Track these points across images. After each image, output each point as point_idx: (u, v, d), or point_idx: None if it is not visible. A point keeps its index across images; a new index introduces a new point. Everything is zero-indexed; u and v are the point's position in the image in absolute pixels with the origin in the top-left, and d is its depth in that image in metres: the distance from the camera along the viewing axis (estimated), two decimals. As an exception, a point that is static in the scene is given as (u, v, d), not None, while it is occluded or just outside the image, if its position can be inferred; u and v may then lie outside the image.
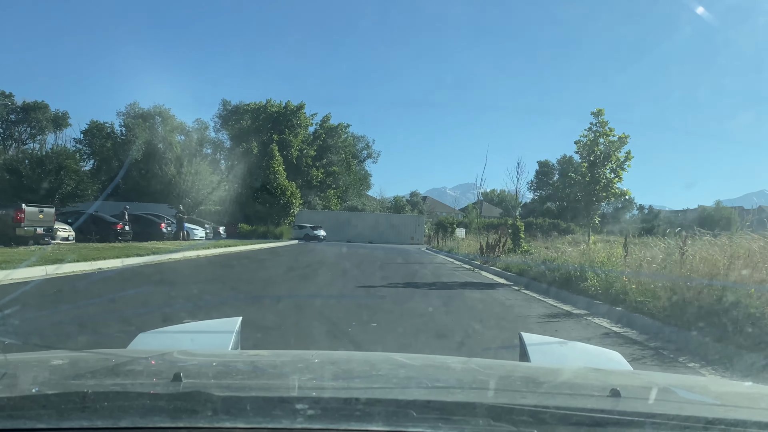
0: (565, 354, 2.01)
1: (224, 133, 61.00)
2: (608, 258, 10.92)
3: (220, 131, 62.71)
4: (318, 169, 56.38)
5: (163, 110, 62.44)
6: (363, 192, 69.36)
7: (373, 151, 73.06)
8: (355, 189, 66.19)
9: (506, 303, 9.69)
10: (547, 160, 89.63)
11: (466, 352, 5.21)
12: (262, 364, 1.63)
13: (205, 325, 2.21)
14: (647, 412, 1.13)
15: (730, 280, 6.62)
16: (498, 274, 15.83)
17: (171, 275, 12.62)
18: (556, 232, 45.52)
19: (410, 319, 7.55)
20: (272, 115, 54.71)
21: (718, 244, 8.44)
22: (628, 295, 8.23)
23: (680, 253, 8.42)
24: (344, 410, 1.06)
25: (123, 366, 1.50)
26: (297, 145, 54.62)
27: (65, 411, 1.01)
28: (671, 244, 9.77)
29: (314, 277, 13.23)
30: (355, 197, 63.92)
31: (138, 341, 1.88)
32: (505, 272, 15.52)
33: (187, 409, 1.00)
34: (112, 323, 6.11)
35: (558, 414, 1.07)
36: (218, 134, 62.95)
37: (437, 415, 1.04)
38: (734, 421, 1.10)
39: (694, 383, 2.02)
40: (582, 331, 6.98)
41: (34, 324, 5.69)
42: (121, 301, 7.96)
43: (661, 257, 9.30)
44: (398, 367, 1.71)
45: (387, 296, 9.90)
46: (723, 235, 9.52)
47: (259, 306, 8.10)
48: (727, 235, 9.51)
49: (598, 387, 1.43)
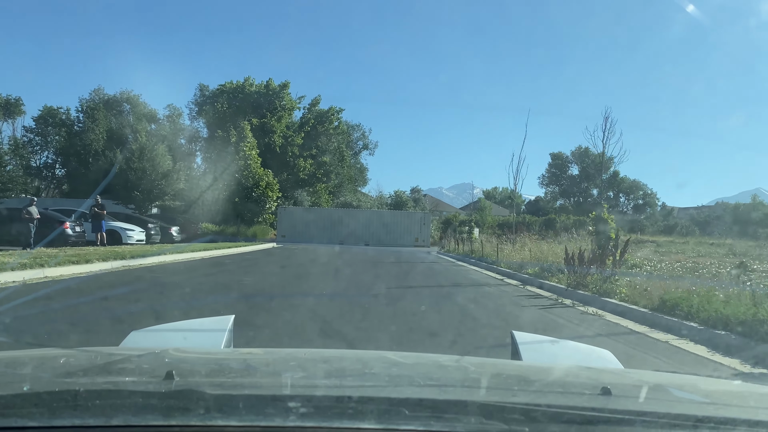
0: (556, 352, 1.99)
1: (201, 121, 52.94)
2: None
3: (196, 119, 54.59)
4: (306, 160, 48.33)
5: (132, 96, 55.02)
6: (358, 188, 61.33)
7: (369, 141, 65.15)
8: (349, 184, 58.19)
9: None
10: (560, 152, 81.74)
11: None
12: (254, 362, 1.65)
13: (197, 323, 2.13)
14: (638, 410, 1.13)
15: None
16: (663, 328, 7.22)
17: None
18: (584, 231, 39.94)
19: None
20: (252, 96, 46.61)
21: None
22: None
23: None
24: (336, 408, 1.06)
25: (115, 364, 1.50)
26: (281, 131, 46.56)
27: (57, 409, 1.00)
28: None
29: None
30: (349, 193, 55.88)
31: (130, 339, 1.87)
32: (662, 316, 7.28)
33: (179, 408, 1.00)
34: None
35: (549, 412, 1.07)
36: (194, 123, 54.79)
37: (429, 413, 1.04)
38: (724, 419, 1.10)
39: (685, 381, 1.96)
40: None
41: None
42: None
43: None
44: (391, 366, 1.69)
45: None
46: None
47: None
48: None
49: (590, 385, 1.43)
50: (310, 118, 50.85)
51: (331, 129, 51.42)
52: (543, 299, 10.25)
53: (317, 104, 51.13)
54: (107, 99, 54.97)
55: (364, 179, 65.22)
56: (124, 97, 55.98)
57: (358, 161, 65.41)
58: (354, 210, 45.41)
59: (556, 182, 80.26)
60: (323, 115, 51.32)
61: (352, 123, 63.53)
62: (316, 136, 50.56)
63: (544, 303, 9.71)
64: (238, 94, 46.58)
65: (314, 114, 51.15)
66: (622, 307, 8.30)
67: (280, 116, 46.79)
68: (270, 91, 46.93)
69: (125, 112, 55.75)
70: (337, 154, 53.16)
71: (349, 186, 57.79)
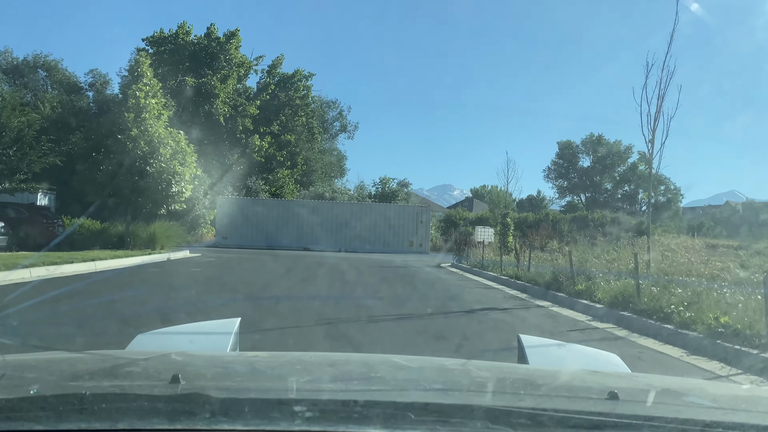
0: (563, 356, 1.98)
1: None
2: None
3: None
4: (264, 137, 36.35)
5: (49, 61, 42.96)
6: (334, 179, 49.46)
7: (348, 122, 53.27)
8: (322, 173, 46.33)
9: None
10: (569, 141, 70.62)
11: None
12: (260, 365, 1.63)
13: (203, 326, 2.14)
14: (645, 415, 1.12)
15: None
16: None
17: None
18: (607, 232, 31.60)
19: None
20: (186, 48, 34.44)
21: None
22: None
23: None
24: (342, 412, 1.05)
25: (121, 367, 1.49)
26: (227, 96, 34.50)
27: (63, 413, 1.00)
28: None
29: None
30: (321, 183, 43.96)
31: (136, 342, 1.85)
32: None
33: (185, 411, 0.99)
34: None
35: (556, 417, 1.06)
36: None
37: (435, 418, 1.03)
38: (732, 424, 1.09)
39: (693, 386, 1.96)
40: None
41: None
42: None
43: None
44: (396, 370, 1.66)
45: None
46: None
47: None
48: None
49: (596, 389, 1.42)
50: (269, 83, 38.84)
51: (297, 99, 39.48)
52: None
53: (279, 65, 39.13)
54: (16, 64, 43.47)
55: (342, 170, 53.39)
56: (38, 61, 44.03)
57: (335, 146, 53.54)
58: (325, 203, 33.52)
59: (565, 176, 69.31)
60: (287, 80, 39.35)
61: (326, 99, 51.68)
62: (277, 108, 38.57)
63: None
64: (168, 45, 34.37)
65: (275, 78, 39.17)
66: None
67: (225, 76, 34.71)
68: (212, 42, 34.80)
69: (39, 79, 44.10)
70: (305, 132, 41.26)
71: (321, 174, 45.90)
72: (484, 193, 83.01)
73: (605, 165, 65.39)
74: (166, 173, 18.24)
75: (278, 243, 29.34)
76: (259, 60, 38.83)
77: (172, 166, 18.15)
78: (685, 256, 12.38)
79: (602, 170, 65.64)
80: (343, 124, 52.93)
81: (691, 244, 16.83)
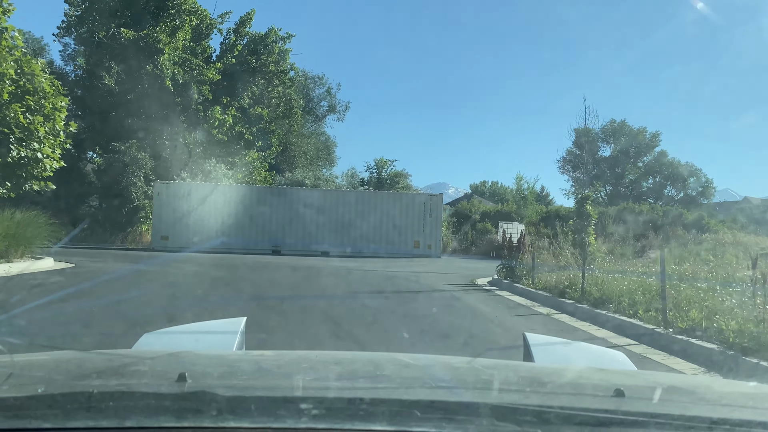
0: (569, 354, 1.98)
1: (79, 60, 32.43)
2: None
3: (75, 56, 33.57)
4: (228, 109, 28.61)
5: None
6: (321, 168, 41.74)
7: (337, 101, 45.57)
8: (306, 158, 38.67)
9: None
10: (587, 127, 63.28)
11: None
12: (266, 364, 1.63)
13: (209, 325, 2.15)
14: (651, 412, 1.12)
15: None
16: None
17: None
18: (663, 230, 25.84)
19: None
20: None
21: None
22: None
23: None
24: (348, 410, 1.05)
25: (128, 366, 1.50)
26: (176, 54, 26.74)
27: (71, 411, 1.01)
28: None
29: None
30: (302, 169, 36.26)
31: (143, 341, 1.86)
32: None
33: (192, 409, 1.00)
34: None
35: (562, 414, 1.06)
36: (69, 64, 33.83)
37: (441, 415, 1.04)
38: (739, 421, 1.09)
39: (699, 383, 1.94)
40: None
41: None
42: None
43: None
44: (402, 367, 1.66)
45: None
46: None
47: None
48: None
49: (602, 387, 1.42)
50: (236, 43, 31.08)
51: (271, 64, 31.75)
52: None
53: (249, 21, 31.34)
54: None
55: (330, 158, 45.70)
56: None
57: (322, 129, 45.83)
58: (302, 190, 25.80)
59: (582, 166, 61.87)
60: (258, 41, 31.61)
61: (311, 74, 43.96)
62: (246, 75, 30.84)
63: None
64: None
65: (242, 37, 31.42)
66: None
67: (174, 28, 26.96)
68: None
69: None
70: (282, 106, 33.53)
71: (304, 161, 38.22)
72: (484, 189, 75.78)
73: (628, 155, 57.96)
74: (23, 139, 10.58)
75: (237, 241, 21.75)
76: (225, 17, 31.12)
77: (11, 113, 10.42)
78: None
79: (625, 160, 58.28)
80: (332, 104, 45.24)
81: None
